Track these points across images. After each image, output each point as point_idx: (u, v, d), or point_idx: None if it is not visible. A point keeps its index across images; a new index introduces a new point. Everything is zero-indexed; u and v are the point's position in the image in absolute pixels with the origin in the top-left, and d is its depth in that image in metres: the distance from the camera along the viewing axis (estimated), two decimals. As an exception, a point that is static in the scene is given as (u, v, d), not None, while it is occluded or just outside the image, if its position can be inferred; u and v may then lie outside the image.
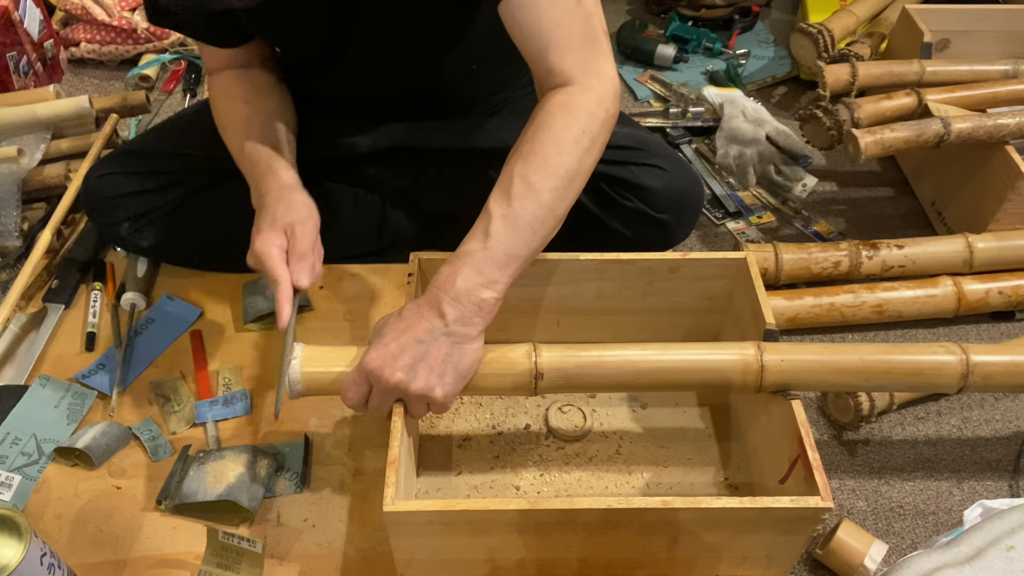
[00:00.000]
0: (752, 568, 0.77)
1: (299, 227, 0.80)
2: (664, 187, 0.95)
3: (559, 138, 0.73)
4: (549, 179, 0.72)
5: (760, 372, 0.76)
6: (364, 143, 0.99)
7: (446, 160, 1.00)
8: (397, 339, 0.71)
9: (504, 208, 0.72)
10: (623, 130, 0.97)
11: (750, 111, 1.33)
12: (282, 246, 0.79)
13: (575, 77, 0.75)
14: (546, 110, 0.75)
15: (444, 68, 0.91)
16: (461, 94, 0.98)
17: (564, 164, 0.73)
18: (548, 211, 0.73)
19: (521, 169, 0.73)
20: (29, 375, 0.97)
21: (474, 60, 0.91)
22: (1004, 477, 0.93)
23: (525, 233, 0.72)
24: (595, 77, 0.75)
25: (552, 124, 0.74)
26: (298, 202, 0.82)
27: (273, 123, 0.90)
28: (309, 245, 0.80)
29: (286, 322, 0.76)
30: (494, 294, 0.72)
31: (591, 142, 0.75)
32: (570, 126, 0.73)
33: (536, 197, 0.72)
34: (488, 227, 0.72)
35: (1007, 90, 1.17)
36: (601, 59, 0.76)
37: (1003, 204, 1.09)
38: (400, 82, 0.93)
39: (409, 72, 0.92)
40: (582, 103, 0.74)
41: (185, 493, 0.83)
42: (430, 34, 0.86)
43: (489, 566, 0.76)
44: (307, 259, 0.80)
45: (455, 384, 0.72)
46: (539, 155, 0.73)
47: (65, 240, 1.12)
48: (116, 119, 1.24)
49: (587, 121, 0.74)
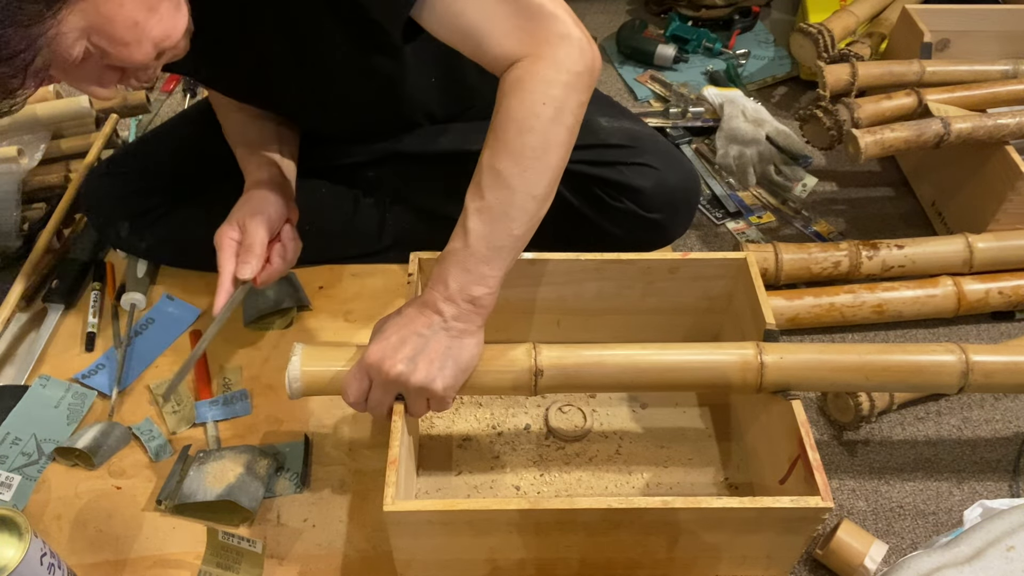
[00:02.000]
0: (752, 568, 0.77)
1: (249, 220, 0.83)
2: (654, 186, 0.94)
3: (517, 116, 0.69)
4: (516, 162, 0.69)
5: (760, 372, 0.76)
6: (358, 152, 0.99)
7: (445, 162, 1.00)
8: (398, 332, 0.71)
9: (478, 202, 0.70)
10: (612, 125, 0.96)
11: (750, 111, 1.33)
12: (234, 237, 0.83)
13: (520, 52, 0.70)
14: (501, 92, 0.71)
15: (402, 92, 0.90)
16: (439, 105, 0.97)
17: (528, 143, 0.69)
18: (524, 195, 0.70)
19: (488, 159, 0.70)
20: (29, 375, 0.97)
21: (430, 75, 0.90)
22: (1004, 477, 0.93)
23: (503, 223, 0.70)
24: (544, 43, 0.70)
25: (508, 105, 0.70)
26: (258, 197, 0.85)
27: (264, 124, 0.91)
28: (257, 238, 0.82)
29: (218, 310, 0.80)
30: (487, 289, 0.71)
31: (556, 111, 0.69)
32: (525, 100, 0.69)
33: (507, 184, 0.69)
34: (466, 224, 0.70)
35: (1007, 90, 1.17)
36: (546, 22, 0.70)
37: (1003, 204, 1.09)
38: (364, 113, 0.94)
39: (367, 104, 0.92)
40: (534, 72, 0.69)
41: (185, 493, 0.83)
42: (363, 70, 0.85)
43: (489, 566, 0.76)
44: (252, 252, 0.82)
45: (455, 377, 0.72)
46: (500, 139, 0.70)
47: (65, 240, 1.12)
48: (116, 119, 1.24)
49: (544, 89, 0.69)
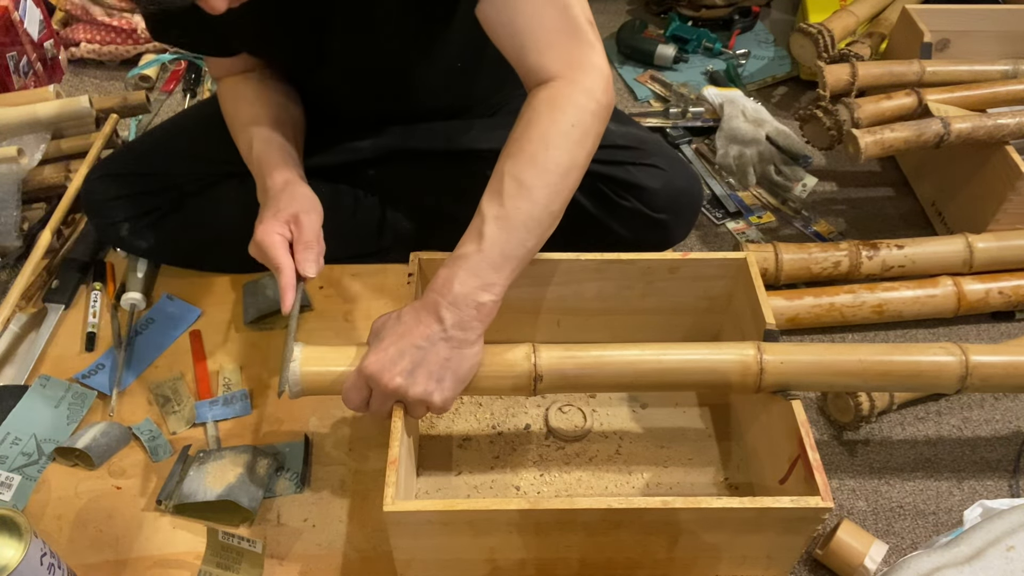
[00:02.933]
0: (752, 568, 0.77)
1: (303, 217, 0.79)
2: (662, 187, 0.95)
3: (547, 133, 0.72)
4: (540, 176, 0.71)
5: (760, 372, 0.76)
6: (363, 148, 0.99)
7: (445, 161, 1.00)
8: (396, 343, 0.71)
9: (497, 209, 0.71)
10: (621, 129, 0.97)
11: (750, 111, 1.33)
12: (284, 235, 0.79)
13: (558, 71, 0.73)
14: (532, 107, 0.73)
15: (427, 72, 0.91)
16: (453, 96, 0.98)
17: (555, 159, 0.72)
18: (542, 209, 0.72)
19: (512, 168, 0.71)
20: (29, 375, 0.97)
21: (457, 60, 0.90)
22: (1004, 477, 0.93)
23: (520, 233, 0.71)
24: (580, 69, 0.74)
25: (539, 120, 0.72)
26: (301, 194, 0.82)
27: (280, 121, 0.90)
28: (314, 235, 0.80)
29: (289, 307, 0.76)
30: (492, 297, 0.71)
31: (582, 135, 0.73)
32: (558, 120, 0.72)
33: (529, 196, 0.71)
34: (482, 229, 0.71)
35: (1007, 90, 1.17)
36: (585, 49, 0.74)
37: (1003, 204, 1.09)
38: (384, 89, 0.93)
39: (391, 78, 0.91)
40: (569, 96, 0.73)
41: (185, 493, 0.83)
42: (405, 40, 0.86)
43: (489, 566, 0.76)
44: (312, 248, 0.79)
45: (454, 389, 0.72)
46: (527, 152, 0.71)
47: (65, 240, 1.12)
48: (116, 119, 1.24)
49: (576, 113, 0.72)
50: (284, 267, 0.77)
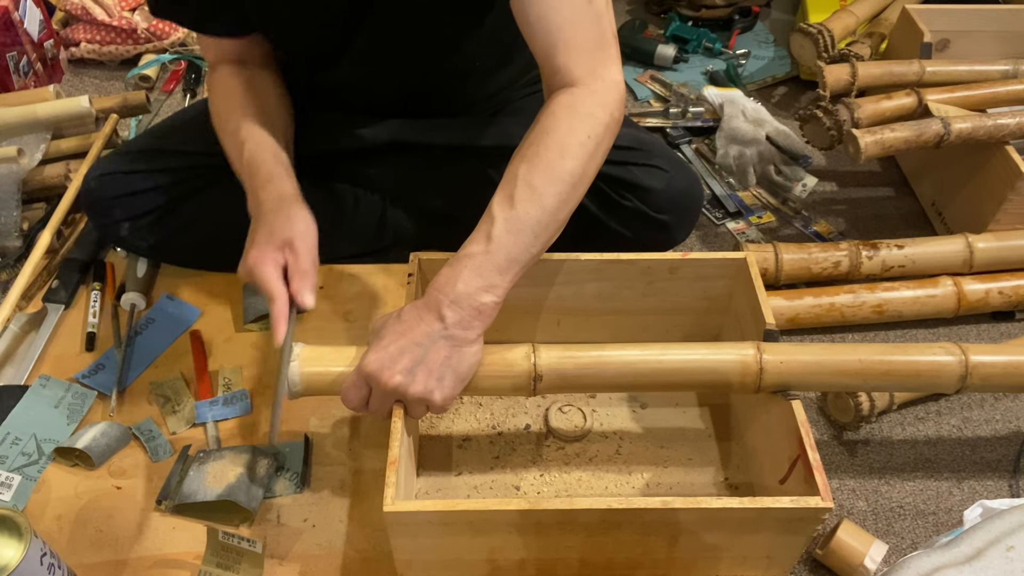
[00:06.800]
0: (752, 568, 0.77)
1: (299, 243, 0.77)
2: (664, 187, 0.95)
3: (564, 142, 0.73)
4: (553, 183, 0.72)
5: (759, 372, 0.76)
6: (364, 135, 0.98)
7: (445, 159, 1.01)
8: (396, 342, 0.71)
9: (507, 212, 0.71)
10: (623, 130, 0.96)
11: (750, 111, 1.33)
12: (278, 261, 0.77)
13: (581, 78, 0.74)
14: (551, 112, 0.74)
15: (448, 65, 0.91)
16: (462, 92, 0.98)
17: (568, 168, 0.72)
18: (551, 216, 0.72)
19: (525, 172, 0.72)
20: (29, 375, 0.97)
21: (477, 58, 0.91)
22: (1004, 477, 0.93)
23: (527, 237, 0.72)
24: (601, 80, 0.75)
25: (557, 127, 0.73)
26: (297, 216, 0.79)
27: (272, 128, 0.87)
28: (310, 262, 0.78)
29: (281, 339, 0.74)
30: (494, 298, 0.71)
31: (596, 146, 0.74)
32: (575, 129, 0.73)
33: (539, 201, 0.71)
34: (490, 231, 0.71)
35: (1007, 90, 1.17)
36: (609, 62, 0.76)
37: (1003, 204, 1.09)
38: (403, 77, 0.93)
39: (413, 67, 0.91)
40: (587, 105, 0.74)
41: (185, 493, 0.83)
42: (438, 30, 0.86)
43: (489, 566, 0.76)
44: (309, 277, 0.77)
45: (454, 388, 0.72)
46: (543, 158, 0.72)
47: (65, 240, 1.12)
48: (116, 119, 1.24)
49: (593, 125, 0.74)
50: (278, 296, 0.75)
